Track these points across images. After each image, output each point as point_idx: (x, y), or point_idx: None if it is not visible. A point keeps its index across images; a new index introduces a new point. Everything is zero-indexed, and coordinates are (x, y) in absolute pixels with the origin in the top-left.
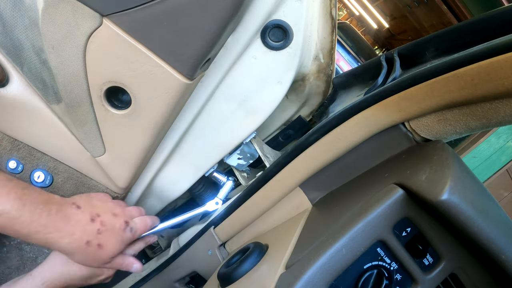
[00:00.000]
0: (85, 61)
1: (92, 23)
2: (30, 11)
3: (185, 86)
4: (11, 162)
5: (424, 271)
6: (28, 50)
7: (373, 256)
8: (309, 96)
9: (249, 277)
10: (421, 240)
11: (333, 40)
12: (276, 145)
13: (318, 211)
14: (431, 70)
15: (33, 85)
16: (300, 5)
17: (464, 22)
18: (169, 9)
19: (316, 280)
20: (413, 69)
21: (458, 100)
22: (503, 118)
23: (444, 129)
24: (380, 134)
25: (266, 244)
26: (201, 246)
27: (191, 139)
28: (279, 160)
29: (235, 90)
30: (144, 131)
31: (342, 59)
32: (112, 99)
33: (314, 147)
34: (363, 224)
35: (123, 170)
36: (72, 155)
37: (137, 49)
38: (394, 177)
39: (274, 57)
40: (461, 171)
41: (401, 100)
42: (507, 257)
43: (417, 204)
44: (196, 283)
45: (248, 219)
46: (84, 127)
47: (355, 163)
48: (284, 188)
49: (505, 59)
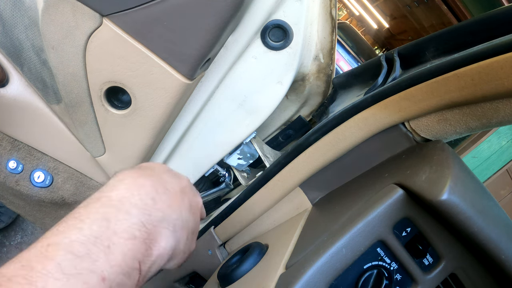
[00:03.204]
0: (85, 61)
1: (92, 23)
2: (30, 11)
3: (185, 86)
4: (11, 162)
5: (424, 271)
6: (28, 50)
7: (373, 256)
8: (309, 96)
9: (249, 277)
10: (421, 240)
11: (333, 40)
12: (276, 145)
13: (318, 211)
14: (431, 70)
15: (33, 85)
16: (300, 5)
17: (464, 22)
18: (169, 9)
19: (316, 280)
20: (413, 69)
21: (458, 100)
22: (503, 118)
23: (444, 129)
24: (380, 134)
25: (266, 244)
26: (201, 246)
27: (191, 139)
28: (279, 160)
29: (235, 90)
30: (144, 131)
31: (342, 59)
32: (112, 99)
33: (314, 147)
34: (363, 224)
35: None
36: (72, 155)
37: (137, 49)
38: (394, 177)
39: (274, 57)
40: (461, 171)
41: (401, 100)
42: (507, 257)
43: (417, 204)
44: (196, 283)
45: (248, 219)
46: (84, 127)
47: (355, 163)
48: (284, 188)
49: (505, 59)
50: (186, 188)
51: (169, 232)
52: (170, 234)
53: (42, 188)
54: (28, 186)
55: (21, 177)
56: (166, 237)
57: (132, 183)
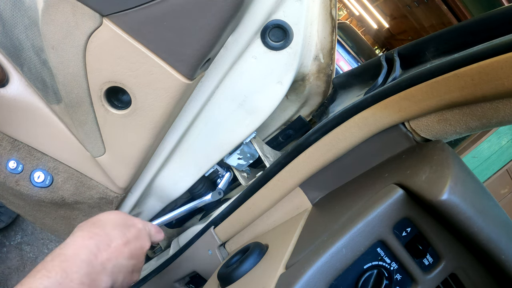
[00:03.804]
0: (85, 61)
1: (92, 23)
2: (30, 11)
3: (185, 86)
4: (11, 162)
5: (424, 271)
6: (28, 50)
7: (373, 256)
8: (309, 96)
9: (249, 277)
10: (421, 240)
11: (333, 40)
12: (276, 145)
13: (318, 211)
14: (431, 70)
15: (33, 85)
16: (300, 5)
17: (464, 22)
18: (169, 9)
19: (316, 280)
20: (413, 69)
21: (458, 100)
22: (503, 118)
23: (444, 129)
24: (380, 134)
25: (266, 244)
26: (201, 246)
27: (191, 139)
28: (279, 160)
29: (235, 90)
30: (144, 131)
31: (342, 59)
32: (112, 99)
33: (314, 147)
34: (363, 224)
35: (123, 170)
36: (72, 155)
37: (137, 49)
38: (394, 177)
39: (274, 57)
40: (461, 171)
41: (401, 100)
42: (507, 257)
43: (417, 204)
44: (196, 283)
45: (248, 219)
46: (84, 127)
47: (355, 163)
48: (284, 188)
49: (505, 59)
50: (131, 238)
51: (107, 277)
52: (107, 279)
53: (42, 188)
54: (28, 186)
55: (21, 177)
56: (105, 281)
57: (81, 244)
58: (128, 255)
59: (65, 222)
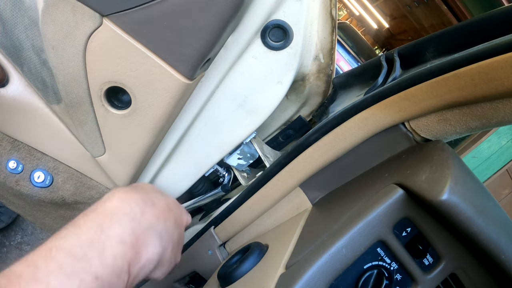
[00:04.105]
0: (85, 61)
1: (92, 23)
2: (30, 11)
3: (185, 86)
4: (11, 162)
5: (424, 271)
6: (28, 50)
7: (373, 256)
8: (309, 96)
9: (249, 277)
10: (421, 240)
11: (333, 40)
12: (276, 145)
13: (318, 211)
14: (431, 70)
15: (33, 85)
16: (300, 5)
17: (464, 22)
18: (169, 9)
19: (316, 280)
20: (413, 69)
21: (458, 100)
22: (503, 118)
23: (444, 129)
24: (380, 134)
25: (266, 244)
26: (201, 246)
27: (191, 139)
28: (279, 160)
29: (235, 90)
30: (144, 131)
31: (342, 59)
32: (112, 99)
33: (314, 147)
34: (363, 224)
35: (123, 170)
36: (72, 155)
37: (137, 49)
38: (394, 177)
39: (274, 57)
40: (461, 171)
41: (401, 100)
42: (507, 257)
43: (417, 204)
44: (196, 283)
45: (248, 219)
46: (84, 127)
47: (355, 163)
48: (284, 188)
49: (505, 59)
50: (172, 205)
51: (156, 239)
52: (157, 242)
53: (42, 188)
54: (28, 186)
55: (21, 177)
56: (153, 243)
57: (124, 196)
58: (174, 222)
59: (65, 222)
